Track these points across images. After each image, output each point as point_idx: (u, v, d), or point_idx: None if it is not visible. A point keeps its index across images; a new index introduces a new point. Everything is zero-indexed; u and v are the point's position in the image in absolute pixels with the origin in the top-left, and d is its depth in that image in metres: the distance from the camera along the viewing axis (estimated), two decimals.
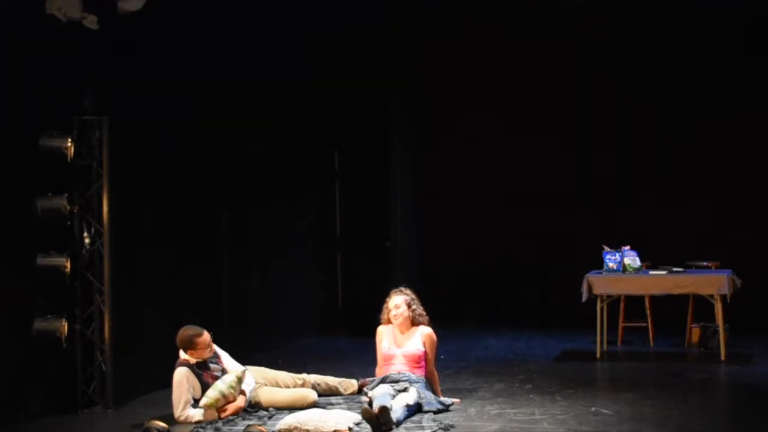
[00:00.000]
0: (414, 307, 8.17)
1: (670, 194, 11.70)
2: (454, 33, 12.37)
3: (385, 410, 7.12)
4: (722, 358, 9.66)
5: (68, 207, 7.94)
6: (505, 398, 8.19)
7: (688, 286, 9.77)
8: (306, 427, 7.10)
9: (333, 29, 11.57)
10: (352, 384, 8.49)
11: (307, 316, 11.93)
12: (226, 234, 10.16)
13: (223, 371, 7.84)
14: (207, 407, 7.58)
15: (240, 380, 7.79)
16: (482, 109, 12.37)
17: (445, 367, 9.30)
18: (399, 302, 8.16)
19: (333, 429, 7.11)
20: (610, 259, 9.95)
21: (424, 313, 8.22)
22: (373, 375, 8.33)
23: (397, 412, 7.31)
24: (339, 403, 8.05)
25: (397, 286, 8.39)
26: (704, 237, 11.30)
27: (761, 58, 11.38)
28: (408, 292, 8.27)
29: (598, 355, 10.00)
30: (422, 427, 7.22)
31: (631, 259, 9.96)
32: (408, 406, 7.52)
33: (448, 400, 7.94)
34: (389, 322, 8.21)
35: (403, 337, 8.16)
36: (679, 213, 11.59)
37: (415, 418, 7.48)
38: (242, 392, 7.80)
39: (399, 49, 12.25)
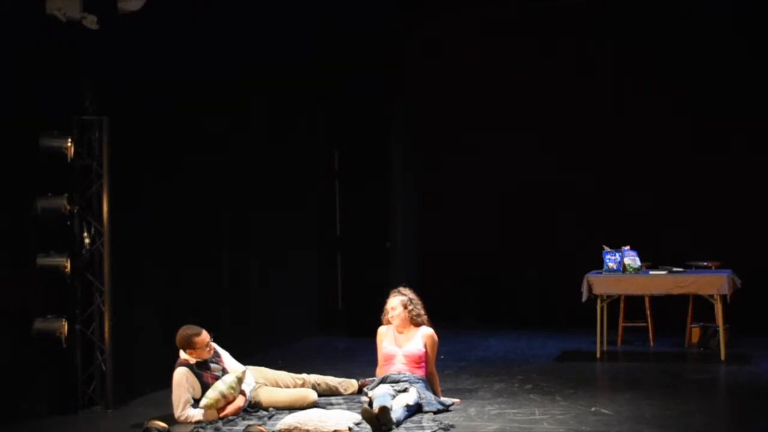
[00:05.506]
0: (411, 307, 8.14)
1: (670, 194, 11.69)
2: (455, 34, 12.37)
3: (385, 410, 7.12)
4: (722, 358, 9.66)
5: (68, 207, 7.94)
6: (505, 398, 8.19)
7: (688, 286, 9.77)
8: (306, 427, 7.11)
9: (333, 29, 11.57)
10: (352, 384, 8.49)
11: (307, 316, 11.93)
12: (226, 234, 10.16)
13: (224, 371, 7.83)
14: (207, 407, 7.58)
15: (240, 380, 7.78)
16: (482, 110, 12.37)
17: (445, 367, 9.30)
18: (395, 304, 8.15)
19: (333, 429, 7.11)
20: (610, 259, 9.95)
21: (423, 313, 8.19)
22: (373, 375, 8.33)
23: (397, 412, 7.30)
24: (339, 403, 8.04)
25: (396, 286, 8.37)
26: (704, 237, 11.30)
27: (760, 58, 11.37)
28: (406, 292, 8.24)
29: (598, 355, 10.00)
30: (422, 427, 7.21)
31: (631, 259, 9.96)
32: (408, 406, 7.51)
33: (448, 401, 7.94)
34: (390, 323, 8.21)
35: (403, 337, 8.14)
36: (679, 213, 11.59)
37: (415, 418, 7.47)
38: (242, 392, 7.80)
39: (399, 49, 12.24)
